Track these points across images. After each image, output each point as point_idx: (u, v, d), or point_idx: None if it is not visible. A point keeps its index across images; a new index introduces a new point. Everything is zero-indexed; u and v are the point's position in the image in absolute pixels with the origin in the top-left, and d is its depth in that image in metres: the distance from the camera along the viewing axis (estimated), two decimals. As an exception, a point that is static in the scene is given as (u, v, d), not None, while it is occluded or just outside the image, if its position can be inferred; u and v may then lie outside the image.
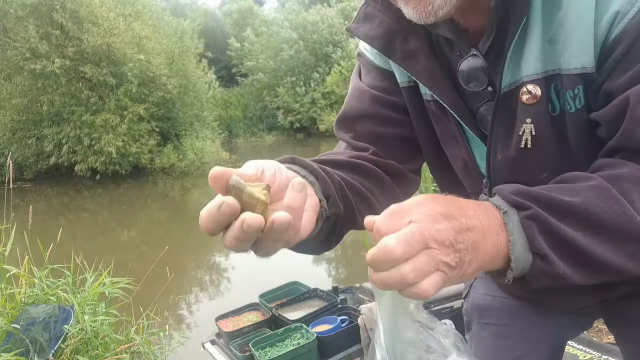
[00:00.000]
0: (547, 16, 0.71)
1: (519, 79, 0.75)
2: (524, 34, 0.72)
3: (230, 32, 26.30)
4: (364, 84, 0.96)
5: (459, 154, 0.89)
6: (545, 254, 0.59)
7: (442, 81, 0.83)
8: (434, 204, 0.55)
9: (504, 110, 0.77)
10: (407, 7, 0.72)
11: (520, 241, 0.59)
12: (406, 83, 0.90)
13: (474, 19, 0.78)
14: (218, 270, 6.75)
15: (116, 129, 14.02)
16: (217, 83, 19.13)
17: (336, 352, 2.34)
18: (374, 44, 0.87)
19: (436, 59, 0.84)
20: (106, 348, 2.88)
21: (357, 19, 0.92)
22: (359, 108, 0.94)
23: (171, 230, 9.19)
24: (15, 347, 2.55)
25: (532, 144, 0.76)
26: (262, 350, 2.32)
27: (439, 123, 0.89)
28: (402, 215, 0.53)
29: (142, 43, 14.53)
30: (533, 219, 0.59)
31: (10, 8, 13.30)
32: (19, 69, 13.74)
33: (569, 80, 0.71)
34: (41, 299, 3.03)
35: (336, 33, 21.76)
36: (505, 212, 0.59)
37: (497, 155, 0.81)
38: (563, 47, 0.70)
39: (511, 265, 0.59)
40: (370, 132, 0.92)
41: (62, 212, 11.21)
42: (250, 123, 23.24)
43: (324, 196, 0.69)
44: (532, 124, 0.75)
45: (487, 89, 0.80)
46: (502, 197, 0.62)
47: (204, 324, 4.30)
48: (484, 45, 0.78)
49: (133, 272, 3.62)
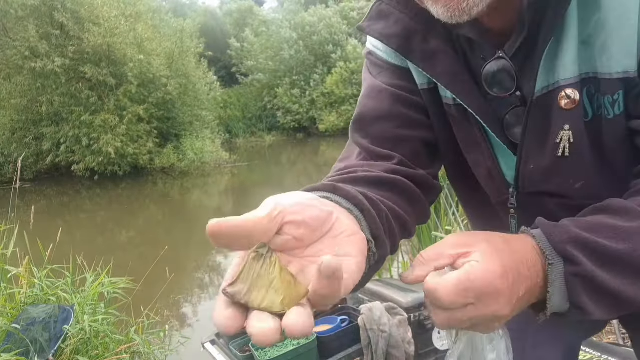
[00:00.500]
0: (583, 16, 0.66)
1: (553, 82, 0.69)
2: (559, 35, 0.67)
3: (231, 32, 26.31)
4: (381, 82, 0.87)
5: (482, 161, 0.83)
6: (583, 307, 0.58)
7: (466, 84, 0.77)
8: (500, 280, 0.54)
9: (537, 117, 0.72)
10: (436, 6, 0.66)
11: (560, 293, 0.58)
12: (425, 85, 0.83)
13: (501, 19, 0.73)
14: (218, 270, 6.75)
15: (115, 129, 14.02)
16: (217, 83, 19.13)
17: (336, 352, 2.34)
18: (391, 42, 0.81)
19: (458, 61, 0.79)
20: (106, 348, 2.88)
21: (369, 17, 0.85)
22: (377, 108, 0.85)
23: (171, 230, 9.19)
24: (15, 347, 2.55)
25: (569, 151, 0.71)
26: (262, 351, 2.32)
27: (460, 128, 0.83)
28: (469, 294, 0.53)
29: (143, 44, 14.54)
30: (579, 277, 0.57)
31: (10, 8, 13.31)
32: (18, 69, 13.75)
33: (608, 85, 0.66)
34: (41, 299, 3.03)
35: (336, 33, 21.78)
36: (552, 264, 0.58)
37: (528, 164, 0.76)
38: (601, 50, 0.66)
39: (546, 313, 0.59)
40: (392, 134, 0.83)
41: (61, 212, 11.20)
42: (250, 123, 23.26)
43: (372, 237, 0.60)
44: (570, 131, 0.70)
45: (514, 93, 0.74)
46: (553, 243, 0.58)
47: (204, 324, 4.31)
48: (512, 46, 0.72)
49: (133, 272, 3.61)
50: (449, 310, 0.54)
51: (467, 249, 0.56)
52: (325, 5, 23.39)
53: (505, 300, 0.54)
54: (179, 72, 15.94)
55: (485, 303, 0.53)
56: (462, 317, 0.54)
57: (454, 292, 0.52)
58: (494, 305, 0.53)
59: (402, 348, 2.28)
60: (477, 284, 0.52)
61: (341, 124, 20.66)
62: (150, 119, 14.99)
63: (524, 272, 0.56)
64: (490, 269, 0.53)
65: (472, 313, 0.53)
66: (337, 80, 20.87)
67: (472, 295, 0.52)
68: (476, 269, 0.53)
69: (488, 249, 0.55)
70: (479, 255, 0.55)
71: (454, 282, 0.53)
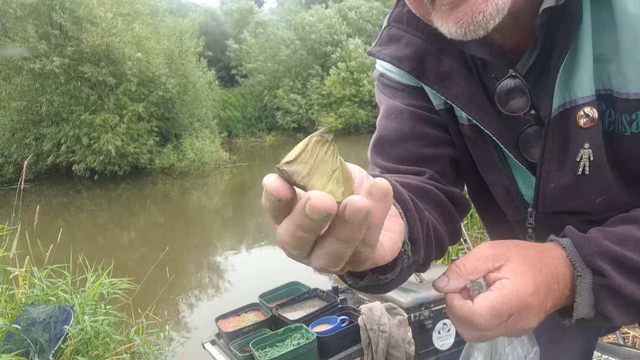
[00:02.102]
0: (597, 33, 0.65)
1: (570, 100, 0.68)
2: (573, 53, 0.65)
3: (230, 33, 26.32)
4: (399, 103, 0.84)
5: (500, 181, 0.82)
6: (609, 316, 0.61)
7: (482, 105, 0.75)
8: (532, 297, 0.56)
9: (556, 136, 0.71)
10: (446, 24, 0.63)
11: (587, 302, 0.60)
12: (442, 105, 0.82)
13: (513, 37, 0.71)
14: (218, 270, 6.75)
15: (115, 128, 14.02)
16: (216, 82, 19.13)
17: (336, 352, 2.34)
18: (403, 65, 0.79)
19: (473, 81, 0.77)
20: (106, 348, 2.88)
21: (379, 42, 0.84)
22: (398, 129, 0.82)
23: (171, 230, 9.19)
24: (16, 347, 2.55)
25: (589, 169, 0.70)
26: (262, 351, 2.32)
27: (476, 148, 0.82)
28: (503, 316, 0.55)
29: (142, 43, 14.54)
30: (607, 288, 0.59)
31: (9, 8, 13.31)
32: (18, 69, 13.74)
33: (626, 105, 0.65)
34: (41, 300, 3.03)
35: (335, 33, 21.79)
36: (581, 275, 0.60)
37: (549, 184, 0.75)
38: (618, 68, 0.64)
39: (572, 320, 0.62)
40: (418, 155, 0.81)
41: (61, 212, 11.20)
42: (249, 123, 23.26)
43: (410, 240, 0.57)
44: (591, 149, 0.69)
45: (529, 112, 0.73)
46: (582, 256, 0.60)
47: (204, 324, 4.30)
48: (525, 65, 0.71)
49: (133, 273, 3.62)
50: (483, 330, 0.56)
51: (501, 263, 0.58)
52: (325, 5, 23.40)
53: (534, 315, 0.57)
54: (179, 72, 15.94)
55: (517, 319, 0.56)
56: (494, 334, 0.57)
57: (489, 317, 0.54)
58: (524, 320, 0.56)
59: (402, 348, 2.28)
60: (512, 303, 0.54)
61: (339, 125, 20.68)
62: (150, 118, 15.00)
63: (553, 286, 0.58)
64: (522, 288, 0.55)
65: (503, 329, 0.56)
66: (335, 81, 20.87)
67: (506, 315, 0.55)
68: (509, 289, 0.55)
69: (521, 264, 0.57)
70: (512, 272, 0.56)
71: (488, 308, 0.54)
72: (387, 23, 0.84)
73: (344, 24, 21.98)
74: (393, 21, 0.83)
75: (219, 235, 8.87)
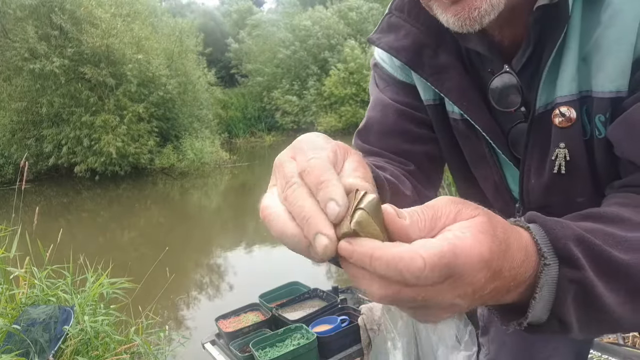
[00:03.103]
0: (585, 33, 0.65)
1: (551, 100, 0.69)
2: (560, 51, 0.66)
3: (229, 33, 26.32)
4: (387, 97, 0.88)
5: (489, 176, 0.83)
6: (567, 320, 0.50)
7: (474, 100, 0.77)
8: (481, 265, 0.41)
9: (538, 133, 0.72)
10: (446, 14, 0.65)
11: (545, 300, 0.48)
12: (431, 100, 0.84)
13: (511, 33, 0.72)
14: (218, 270, 6.75)
15: (116, 129, 14.03)
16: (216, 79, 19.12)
17: (336, 352, 2.34)
18: (400, 56, 0.80)
19: (467, 76, 0.78)
20: (106, 348, 2.88)
21: (379, 29, 0.85)
22: (383, 123, 0.87)
23: (171, 230, 9.19)
24: (16, 347, 2.55)
25: (566, 169, 0.70)
26: (262, 351, 2.32)
27: (467, 143, 0.83)
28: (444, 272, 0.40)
29: (142, 44, 14.54)
30: (577, 284, 0.48)
31: (9, 9, 13.31)
32: (18, 70, 13.74)
33: (600, 104, 0.65)
34: (41, 300, 3.03)
35: (333, 36, 21.77)
36: (549, 265, 0.47)
37: (530, 180, 0.76)
38: (597, 68, 0.64)
39: (522, 322, 0.49)
40: (398, 149, 0.85)
41: (61, 212, 11.20)
42: (249, 123, 23.24)
43: None
44: (566, 149, 0.69)
45: (520, 109, 0.74)
46: (553, 240, 0.48)
47: (204, 325, 4.31)
48: (519, 61, 0.72)
49: (133, 273, 3.61)
50: (408, 285, 0.40)
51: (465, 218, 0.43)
52: (323, 5, 23.36)
53: (472, 290, 0.42)
54: (178, 72, 15.95)
55: (453, 286, 0.41)
56: (418, 295, 0.41)
57: (431, 265, 0.39)
58: (459, 290, 0.41)
59: (402, 348, 2.28)
60: (460, 261, 0.40)
61: (340, 125, 20.66)
62: (150, 118, 15.00)
63: (504, 273, 0.44)
64: (477, 250, 0.41)
65: (432, 293, 0.41)
66: (335, 82, 20.85)
67: (450, 273, 0.40)
68: (465, 243, 0.40)
69: (485, 225, 0.42)
70: (471, 227, 0.42)
71: (435, 252, 0.39)
72: (389, 10, 0.85)
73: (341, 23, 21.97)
74: (395, 9, 0.84)
75: (219, 235, 8.87)
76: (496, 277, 0.43)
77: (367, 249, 0.40)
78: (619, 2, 0.61)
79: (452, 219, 0.42)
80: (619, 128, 0.63)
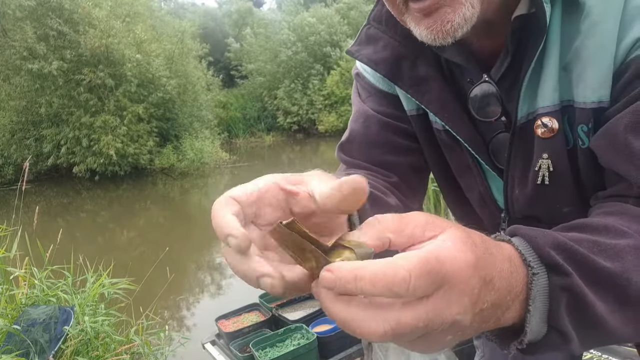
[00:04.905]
0: (565, 42, 0.65)
1: (533, 110, 0.69)
2: (540, 61, 0.66)
3: (229, 33, 26.34)
4: (369, 108, 0.87)
5: (475, 186, 0.83)
6: (564, 331, 0.47)
7: (455, 111, 0.76)
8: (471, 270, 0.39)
9: (520, 143, 0.71)
10: (418, 28, 0.64)
11: (540, 312, 0.46)
12: (414, 111, 0.83)
13: (490, 42, 0.72)
14: (218, 270, 6.75)
15: (115, 130, 14.03)
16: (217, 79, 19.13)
17: (336, 352, 2.34)
18: (379, 68, 0.80)
19: (447, 87, 0.78)
20: (106, 349, 2.88)
21: (358, 41, 0.85)
22: (366, 134, 0.86)
23: (171, 230, 9.20)
24: (16, 348, 2.55)
25: (549, 180, 0.70)
26: (263, 351, 2.32)
27: (452, 153, 0.83)
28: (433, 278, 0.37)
29: (143, 45, 14.55)
30: (567, 290, 0.46)
31: (8, 9, 13.31)
32: (16, 69, 13.74)
33: (582, 114, 0.65)
34: (41, 300, 3.03)
35: (335, 33, 21.78)
36: (537, 274, 0.45)
37: (514, 190, 0.75)
38: (578, 78, 0.64)
39: (522, 339, 0.46)
40: (381, 161, 0.84)
41: (61, 213, 11.20)
42: (249, 123, 23.24)
43: None
44: (550, 160, 0.69)
45: (500, 119, 0.74)
46: (536, 248, 0.46)
47: (204, 325, 4.31)
48: (498, 71, 0.72)
49: (133, 273, 3.62)
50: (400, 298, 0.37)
51: (435, 233, 0.40)
52: (324, 3, 23.37)
53: (469, 302, 0.39)
54: (178, 73, 15.95)
55: (448, 297, 0.37)
56: (419, 320, 0.37)
57: (417, 273, 0.35)
58: (456, 302, 0.38)
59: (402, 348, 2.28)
60: (447, 267, 0.37)
61: (340, 125, 20.67)
62: (150, 119, 15.00)
63: (495, 283, 0.41)
64: (462, 255, 0.38)
65: (430, 312, 0.37)
66: (337, 81, 20.86)
67: (439, 279, 0.37)
68: (448, 250, 0.38)
69: (462, 235, 0.40)
70: (450, 237, 0.39)
71: (419, 259, 0.36)
72: (367, 21, 0.85)
73: (344, 23, 21.99)
74: (373, 20, 0.84)
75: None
76: (490, 288, 0.41)
77: (348, 270, 0.37)
78: (597, 12, 0.61)
79: (421, 227, 0.40)
80: (602, 139, 0.63)
